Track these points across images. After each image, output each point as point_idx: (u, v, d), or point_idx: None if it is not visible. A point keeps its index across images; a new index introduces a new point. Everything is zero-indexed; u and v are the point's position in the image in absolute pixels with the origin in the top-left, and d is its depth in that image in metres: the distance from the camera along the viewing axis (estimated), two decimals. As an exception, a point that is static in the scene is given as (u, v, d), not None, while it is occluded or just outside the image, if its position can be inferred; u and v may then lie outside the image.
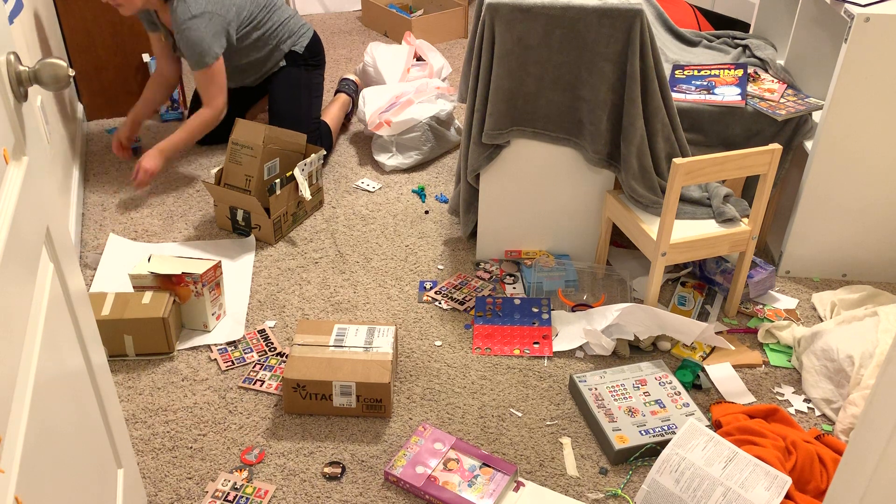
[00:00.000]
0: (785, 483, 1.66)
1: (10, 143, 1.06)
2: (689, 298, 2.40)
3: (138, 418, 1.99)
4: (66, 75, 1.11)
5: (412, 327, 2.30)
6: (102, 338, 2.11)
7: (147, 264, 2.20)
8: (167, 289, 2.18)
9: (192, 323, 2.24)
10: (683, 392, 2.04)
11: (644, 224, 2.23)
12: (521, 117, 2.30)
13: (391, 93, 3.14)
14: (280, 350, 2.21)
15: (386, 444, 1.94)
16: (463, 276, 2.50)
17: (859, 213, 2.39)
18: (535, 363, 2.19)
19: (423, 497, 1.80)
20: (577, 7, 2.11)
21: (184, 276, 2.16)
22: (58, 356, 1.13)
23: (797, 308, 2.39)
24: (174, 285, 2.18)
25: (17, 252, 1.00)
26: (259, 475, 1.85)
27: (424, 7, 4.55)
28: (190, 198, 2.88)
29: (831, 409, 2.02)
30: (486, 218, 2.50)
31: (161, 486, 1.82)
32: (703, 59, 2.72)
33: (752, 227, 2.20)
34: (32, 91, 1.16)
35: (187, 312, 2.23)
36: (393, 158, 3.05)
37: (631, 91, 2.17)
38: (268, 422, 1.99)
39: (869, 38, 2.11)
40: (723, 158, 2.04)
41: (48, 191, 1.21)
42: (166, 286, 2.18)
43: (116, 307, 2.13)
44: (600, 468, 1.88)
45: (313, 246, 2.64)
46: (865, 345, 1.97)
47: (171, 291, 2.18)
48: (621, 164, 2.28)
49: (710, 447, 1.74)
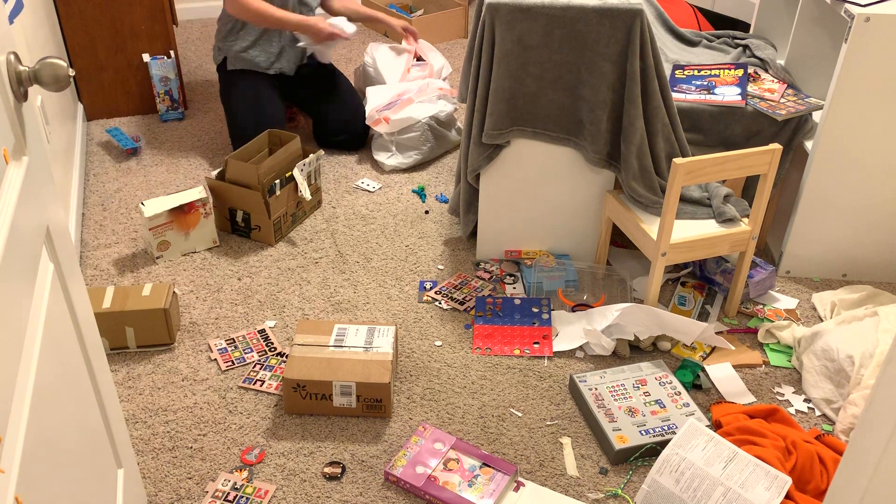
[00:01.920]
0: (785, 483, 1.66)
1: (10, 143, 1.06)
2: (689, 298, 2.40)
3: (138, 418, 1.99)
4: (66, 75, 1.11)
5: (412, 327, 2.30)
6: (104, 330, 2.13)
7: (148, 208, 2.46)
8: (178, 221, 2.49)
9: (203, 244, 2.58)
10: (683, 392, 2.04)
11: (644, 224, 2.23)
12: (522, 117, 2.30)
13: (393, 91, 3.14)
14: (280, 350, 2.21)
15: (386, 444, 1.94)
16: (463, 276, 2.50)
17: (859, 213, 2.39)
18: (535, 363, 2.19)
19: (423, 497, 1.80)
20: (577, 7, 2.11)
21: (194, 203, 2.49)
22: (58, 356, 1.13)
23: (797, 308, 2.39)
24: (185, 214, 2.50)
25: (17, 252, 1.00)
26: (259, 475, 1.85)
27: (424, 7, 4.55)
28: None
29: (831, 409, 2.02)
30: (486, 218, 2.50)
31: (161, 486, 1.82)
32: (704, 59, 2.72)
33: (752, 227, 2.20)
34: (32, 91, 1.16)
35: (198, 236, 2.56)
36: (392, 158, 3.05)
37: (631, 91, 2.17)
38: (268, 422, 1.99)
39: (869, 38, 2.11)
40: (723, 158, 2.03)
41: (48, 191, 1.21)
42: (178, 218, 2.50)
43: (117, 300, 2.15)
44: (600, 468, 1.88)
45: (313, 246, 2.64)
46: (865, 345, 1.97)
47: (180, 224, 2.50)
48: (621, 164, 2.28)
49: (710, 447, 1.74)
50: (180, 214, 2.50)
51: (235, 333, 2.26)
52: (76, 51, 3.22)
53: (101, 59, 3.27)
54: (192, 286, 2.44)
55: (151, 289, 2.20)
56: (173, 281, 2.47)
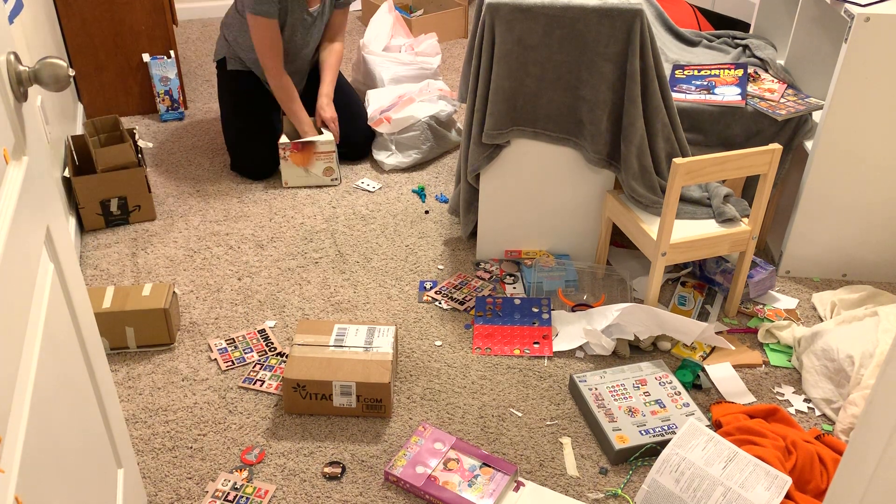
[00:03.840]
0: (785, 483, 1.66)
1: (10, 143, 1.06)
2: (689, 298, 2.40)
3: (138, 418, 1.99)
4: (66, 75, 1.11)
5: (412, 327, 2.30)
6: (104, 330, 2.13)
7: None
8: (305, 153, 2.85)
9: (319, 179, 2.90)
10: (683, 392, 2.04)
11: (644, 224, 2.23)
12: (522, 117, 2.30)
13: (395, 93, 3.14)
14: (280, 350, 2.21)
15: (386, 444, 1.94)
16: (463, 276, 2.50)
17: (859, 213, 2.39)
18: (535, 363, 2.19)
19: (423, 497, 1.80)
20: (577, 7, 2.11)
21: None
22: (58, 356, 1.13)
23: (797, 308, 2.39)
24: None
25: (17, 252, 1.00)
26: (259, 475, 1.85)
27: (424, 7, 4.55)
28: (189, 198, 2.88)
29: (831, 409, 2.02)
30: (486, 218, 2.50)
31: (161, 486, 1.82)
32: (703, 59, 2.72)
33: (752, 227, 2.20)
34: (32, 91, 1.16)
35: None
36: (392, 157, 3.05)
37: (631, 91, 2.17)
38: (268, 422, 1.99)
39: (869, 38, 2.11)
40: (723, 158, 2.03)
41: (48, 191, 1.21)
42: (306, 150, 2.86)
43: (117, 300, 2.15)
44: (600, 468, 1.88)
45: (313, 246, 2.64)
46: (865, 345, 1.97)
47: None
48: (621, 164, 2.28)
49: (710, 447, 1.74)
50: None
51: (235, 333, 2.26)
52: (76, 51, 3.22)
53: (101, 59, 3.27)
54: (192, 286, 2.45)
55: (151, 289, 2.20)
56: (173, 281, 2.47)
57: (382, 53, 3.37)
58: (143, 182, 2.65)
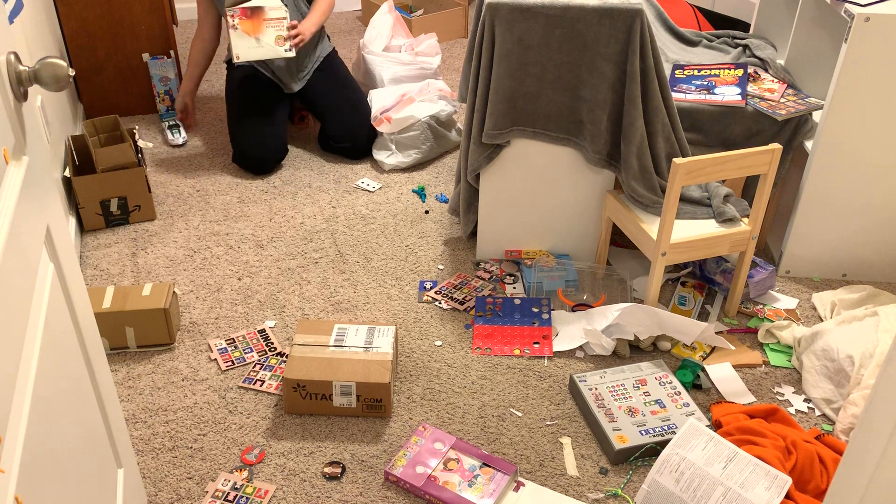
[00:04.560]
0: (785, 483, 1.66)
1: (10, 143, 1.06)
2: (689, 298, 2.40)
3: (138, 418, 1.99)
4: (66, 75, 1.11)
5: (412, 327, 2.30)
6: (104, 330, 2.13)
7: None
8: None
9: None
10: (683, 392, 2.04)
11: (644, 224, 2.23)
12: (522, 117, 2.30)
13: (397, 93, 3.15)
14: (280, 350, 2.21)
15: (386, 444, 1.94)
16: (463, 276, 2.50)
17: (859, 213, 2.39)
18: (535, 363, 2.19)
19: (423, 497, 1.80)
20: (577, 7, 2.11)
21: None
22: (58, 356, 1.13)
23: (797, 308, 2.39)
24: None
25: (17, 252, 1.00)
26: (259, 475, 1.85)
27: (424, 7, 4.55)
28: (189, 198, 2.88)
29: (831, 409, 2.02)
30: (486, 218, 2.50)
31: (161, 486, 1.82)
32: (703, 59, 2.72)
33: (752, 227, 2.20)
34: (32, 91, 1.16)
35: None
36: (392, 157, 3.05)
37: (631, 91, 2.17)
38: (268, 422, 1.99)
39: (869, 38, 2.11)
40: (723, 158, 2.04)
41: (48, 191, 1.21)
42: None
43: (117, 300, 2.15)
44: (600, 468, 1.88)
45: (313, 246, 2.64)
46: (865, 345, 1.97)
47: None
48: (621, 163, 2.28)
49: (710, 447, 1.74)
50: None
51: (235, 333, 2.26)
52: (76, 51, 3.22)
53: (101, 59, 3.27)
54: (192, 286, 2.45)
55: (151, 289, 2.20)
56: (173, 281, 2.47)
57: (382, 53, 3.37)
58: (143, 182, 2.65)
